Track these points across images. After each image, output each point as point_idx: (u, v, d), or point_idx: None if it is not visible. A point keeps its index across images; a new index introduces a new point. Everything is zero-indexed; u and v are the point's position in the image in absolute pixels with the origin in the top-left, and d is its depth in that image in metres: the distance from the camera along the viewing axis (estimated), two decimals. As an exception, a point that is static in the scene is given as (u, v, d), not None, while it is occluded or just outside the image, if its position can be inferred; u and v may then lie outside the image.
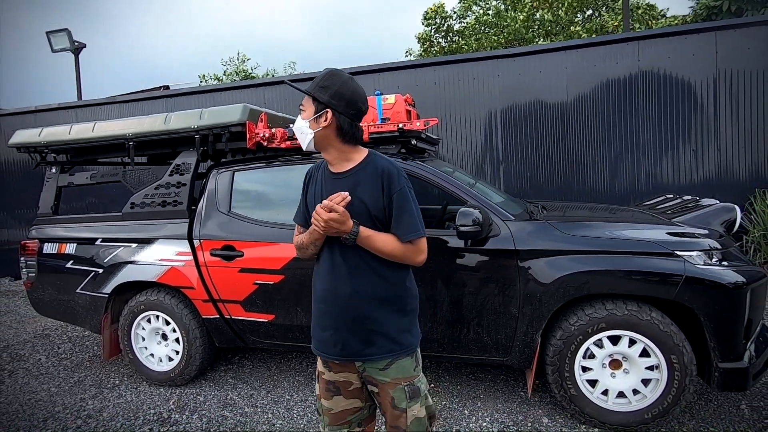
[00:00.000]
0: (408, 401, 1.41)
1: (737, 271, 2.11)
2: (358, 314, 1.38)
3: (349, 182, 1.41)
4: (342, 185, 1.39)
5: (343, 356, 1.41)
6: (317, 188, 1.48)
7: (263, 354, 3.40)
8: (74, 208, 6.15)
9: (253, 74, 17.17)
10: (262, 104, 5.67)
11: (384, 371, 1.40)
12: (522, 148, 5.11)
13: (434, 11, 13.16)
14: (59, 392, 2.97)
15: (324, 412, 1.49)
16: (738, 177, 4.65)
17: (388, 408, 1.43)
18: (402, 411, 1.41)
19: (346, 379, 1.46)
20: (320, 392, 1.50)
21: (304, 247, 1.47)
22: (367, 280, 1.39)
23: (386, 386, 1.41)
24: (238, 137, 2.79)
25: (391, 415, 1.43)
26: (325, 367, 1.48)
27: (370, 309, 1.39)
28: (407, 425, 1.41)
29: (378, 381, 1.41)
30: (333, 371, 1.46)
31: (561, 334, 2.23)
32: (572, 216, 2.72)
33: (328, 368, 1.47)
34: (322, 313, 1.44)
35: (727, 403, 2.42)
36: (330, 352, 1.43)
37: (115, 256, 2.93)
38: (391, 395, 1.40)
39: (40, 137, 3.16)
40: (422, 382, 1.48)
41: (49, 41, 8.11)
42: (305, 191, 1.53)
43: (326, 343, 1.43)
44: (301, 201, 1.55)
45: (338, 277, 1.40)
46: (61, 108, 6.52)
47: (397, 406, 1.40)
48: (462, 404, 2.57)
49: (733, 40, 4.54)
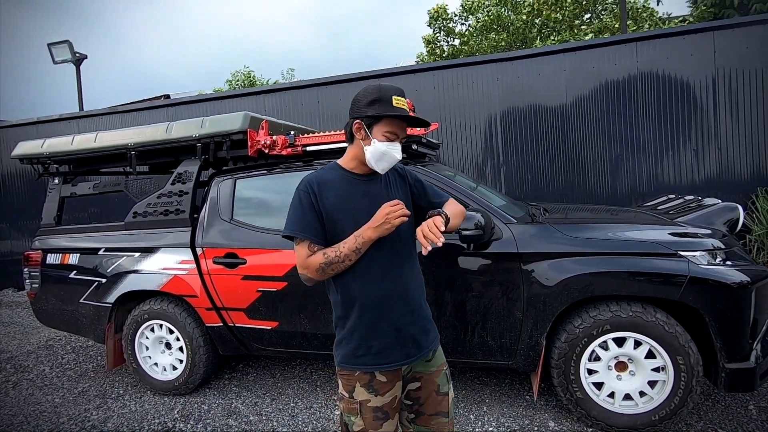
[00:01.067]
0: (448, 384, 1.47)
1: (741, 271, 2.10)
2: (414, 307, 1.40)
3: (382, 180, 1.44)
4: (376, 185, 1.42)
5: (412, 357, 1.37)
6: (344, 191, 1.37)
7: (267, 361, 3.39)
8: (77, 218, 6.17)
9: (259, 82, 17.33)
10: (262, 112, 5.69)
11: (430, 361, 1.44)
12: (522, 151, 5.12)
13: (437, 12, 13.27)
14: (63, 403, 2.97)
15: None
16: (739, 176, 4.64)
17: (430, 396, 1.43)
18: (444, 395, 1.45)
19: (393, 395, 1.37)
20: (365, 426, 1.34)
21: (339, 260, 1.30)
22: (415, 272, 1.44)
23: (432, 375, 1.43)
24: (239, 145, 2.80)
25: (432, 402, 1.43)
26: (370, 393, 1.34)
27: (421, 299, 1.44)
28: (449, 407, 1.45)
29: (424, 373, 1.42)
30: (380, 393, 1.34)
31: (566, 336, 2.23)
32: (574, 218, 2.71)
33: (374, 392, 1.34)
34: (378, 320, 1.34)
35: (735, 404, 2.41)
36: (396, 358, 1.35)
37: (118, 266, 2.93)
38: (437, 383, 1.43)
39: (42, 148, 3.18)
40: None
41: (50, 53, 8.17)
42: (318, 203, 1.35)
43: (388, 352, 1.34)
44: (308, 215, 1.34)
45: (393, 275, 1.37)
46: (63, 119, 6.56)
47: (441, 391, 1.44)
48: (467, 409, 2.55)
49: (730, 39, 4.55)
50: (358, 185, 1.41)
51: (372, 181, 1.42)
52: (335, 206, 1.36)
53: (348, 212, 1.36)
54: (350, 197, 1.38)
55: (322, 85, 5.65)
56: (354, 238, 1.30)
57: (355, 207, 1.37)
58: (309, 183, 1.37)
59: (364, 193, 1.39)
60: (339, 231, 1.35)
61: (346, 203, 1.37)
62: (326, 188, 1.37)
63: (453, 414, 1.48)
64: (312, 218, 1.35)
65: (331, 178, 1.40)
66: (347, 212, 1.36)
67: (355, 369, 1.35)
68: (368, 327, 1.35)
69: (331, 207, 1.36)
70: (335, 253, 1.30)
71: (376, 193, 1.40)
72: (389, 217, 1.27)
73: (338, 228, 1.35)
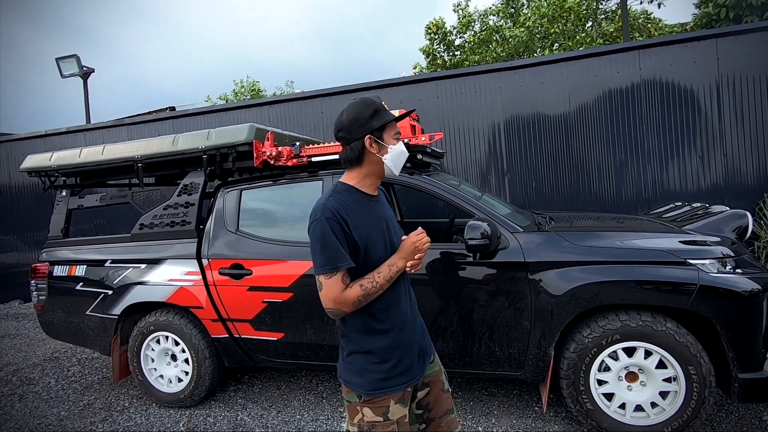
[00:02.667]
0: (447, 381, 1.56)
1: (752, 279, 2.07)
2: (419, 321, 1.51)
3: (384, 203, 1.49)
4: (383, 208, 1.46)
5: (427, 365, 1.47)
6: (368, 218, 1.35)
7: (273, 373, 3.37)
8: (83, 230, 6.21)
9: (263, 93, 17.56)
10: (267, 123, 5.73)
11: (433, 363, 1.52)
12: (526, 159, 5.11)
13: (435, 25, 13.35)
14: (69, 416, 2.95)
15: None
16: (746, 182, 4.61)
17: (439, 397, 1.50)
18: (448, 392, 1.54)
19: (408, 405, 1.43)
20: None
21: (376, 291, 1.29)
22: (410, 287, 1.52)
23: (438, 375, 1.52)
24: (245, 156, 2.82)
25: (440, 403, 1.50)
26: (404, 407, 1.37)
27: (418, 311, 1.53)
28: (452, 403, 1.55)
29: (432, 376, 1.50)
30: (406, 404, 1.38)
31: (575, 346, 2.20)
32: (581, 226, 2.70)
33: (403, 404, 1.37)
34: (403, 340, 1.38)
35: (749, 415, 2.36)
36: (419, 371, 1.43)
37: (125, 278, 2.94)
38: (442, 380, 1.53)
39: (51, 161, 3.21)
40: None
41: (58, 67, 8.30)
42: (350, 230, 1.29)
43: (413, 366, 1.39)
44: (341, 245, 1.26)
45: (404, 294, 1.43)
46: (70, 132, 6.63)
47: (445, 388, 1.53)
48: (476, 421, 2.52)
49: (733, 46, 4.56)
50: (373, 207, 1.40)
51: (380, 203, 1.44)
52: (367, 232, 1.33)
53: (378, 236, 1.36)
54: (373, 220, 1.37)
55: (326, 95, 5.69)
56: (388, 268, 1.32)
57: (380, 230, 1.37)
58: (336, 211, 1.28)
59: (381, 215, 1.41)
60: (372, 257, 1.33)
61: (374, 228, 1.36)
62: (353, 215, 1.31)
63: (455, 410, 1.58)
64: (344, 248, 1.27)
65: (351, 202, 1.34)
66: (377, 236, 1.36)
67: (389, 392, 1.34)
68: (398, 349, 1.36)
69: (365, 234, 1.32)
70: (372, 284, 1.28)
71: (386, 213, 1.45)
72: (418, 246, 1.34)
73: (371, 249, 1.33)
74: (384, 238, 1.37)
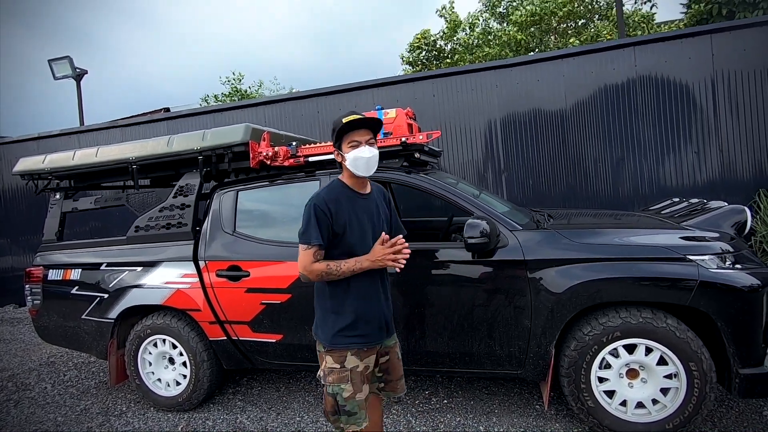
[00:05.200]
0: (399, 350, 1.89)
1: (752, 274, 2.07)
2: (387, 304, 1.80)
3: (374, 201, 1.78)
4: (372, 204, 1.77)
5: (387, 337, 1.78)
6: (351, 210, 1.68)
7: (272, 375, 3.35)
8: (79, 233, 6.16)
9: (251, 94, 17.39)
10: (262, 123, 5.69)
11: (391, 337, 1.83)
12: (523, 157, 5.11)
13: (420, 39, 12.99)
14: (66, 421, 2.92)
15: (360, 407, 1.67)
16: (741, 177, 4.62)
17: (395, 364, 1.84)
18: (400, 359, 1.88)
19: (367, 364, 1.71)
20: (353, 389, 1.66)
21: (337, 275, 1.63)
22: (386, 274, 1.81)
23: (395, 347, 1.86)
24: (241, 157, 2.80)
25: (396, 368, 1.85)
26: (358, 359, 1.68)
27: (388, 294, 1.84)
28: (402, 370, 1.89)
29: (390, 347, 1.83)
30: (362, 360, 1.68)
31: (575, 344, 2.19)
32: (580, 223, 2.69)
33: (359, 358, 1.68)
34: (368, 311, 1.69)
35: (749, 410, 2.36)
36: (378, 339, 1.73)
37: (121, 281, 2.91)
38: (397, 351, 1.86)
39: (44, 164, 3.17)
40: None
41: (51, 69, 8.22)
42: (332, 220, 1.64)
43: (372, 335, 1.71)
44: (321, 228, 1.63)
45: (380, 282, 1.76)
46: (64, 134, 6.57)
47: (399, 357, 1.87)
48: (477, 420, 2.51)
49: (728, 42, 4.56)
50: (359, 202, 1.73)
51: (368, 200, 1.76)
52: (347, 222, 1.67)
53: (355, 226, 1.69)
54: (356, 213, 1.70)
55: (321, 95, 5.66)
56: (354, 262, 1.64)
57: (359, 222, 1.70)
58: (326, 202, 1.65)
59: (365, 209, 1.73)
60: (348, 239, 1.67)
61: (353, 219, 1.68)
62: (339, 206, 1.66)
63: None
64: (323, 230, 1.64)
65: (339, 196, 1.69)
66: (354, 226, 1.69)
67: (348, 347, 1.67)
68: (361, 316, 1.68)
69: (344, 223, 1.66)
70: (336, 268, 1.63)
71: (372, 210, 1.75)
72: (386, 257, 1.63)
73: (347, 237, 1.67)
74: (364, 228, 1.70)
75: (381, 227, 1.76)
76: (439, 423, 2.52)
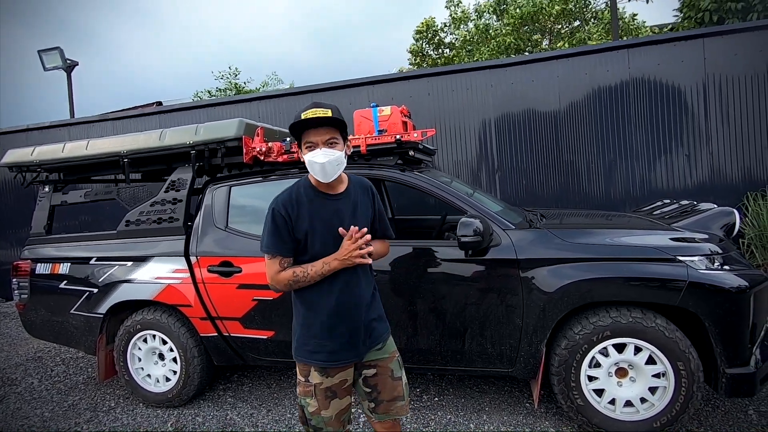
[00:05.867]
0: (400, 370, 1.64)
1: (740, 275, 2.10)
2: (368, 315, 1.58)
3: (350, 201, 1.58)
4: (345, 204, 1.56)
5: (359, 355, 1.55)
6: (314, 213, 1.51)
7: (263, 372, 3.34)
8: (68, 226, 6.07)
9: (246, 88, 17.23)
10: (256, 118, 5.66)
11: (382, 349, 1.61)
12: (517, 157, 5.13)
13: (426, 24, 13.30)
14: (53, 417, 2.89)
15: (326, 424, 1.54)
16: (731, 180, 4.69)
17: (386, 382, 1.59)
18: (398, 379, 1.62)
19: (342, 379, 1.55)
20: (318, 406, 1.53)
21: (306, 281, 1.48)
22: (370, 284, 1.63)
23: (386, 361, 1.60)
24: (234, 152, 2.77)
25: (389, 387, 1.59)
26: (323, 377, 1.52)
27: (372, 304, 1.61)
28: (403, 391, 1.62)
29: (378, 360, 1.59)
30: (331, 377, 1.53)
31: (566, 343, 2.21)
32: (572, 223, 2.71)
33: (326, 375, 1.52)
34: (334, 326, 1.51)
35: (735, 409, 2.40)
36: (345, 357, 1.53)
37: (110, 275, 2.88)
38: (391, 368, 1.61)
39: (32, 156, 3.12)
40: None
41: (41, 60, 8.10)
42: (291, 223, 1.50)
43: (339, 352, 1.52)
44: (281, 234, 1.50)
45: (354, 289, 1.54)
46: (54, 126, 6.47)
47: (395, 376, 1.61)
48: (467, 418, 2.52)
49: (720, 46, 4.62)
50: (328, 204, 1.55)
51: (341, 200, 1.57)
52: (308, 225, 1.51)
53: (318, 231, 1.51)
54: (321, 216, 1.52)
55: (316, 91, 5.64)
56: (322, 264, 1.48)
57: (326, 226, 1.52)
58: (283, 205, 1.51)
59: (335, 212, 1.54)
60: (311, 246, 1.52)
61: (317, 222, 1.51)
62: (300, 207, 1.51)
63: (408, 397, 1.65)
64: (285, 237, 1.50)
65: (302, 198, 1.53)
66: (318, 231, 1.51)
67: (310, 363, 1.53)
68: (325, 330, 1.52)
69: (304, 226, 1.50)
70: (303, 274, 1.48)
71: (345, 212, 1.55)
72: (353, 255, 1.46)
73: (310, 243, 1.52)
74: (326, 232, 1.51)
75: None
76: (429, 420, 2.53)
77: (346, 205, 1.56)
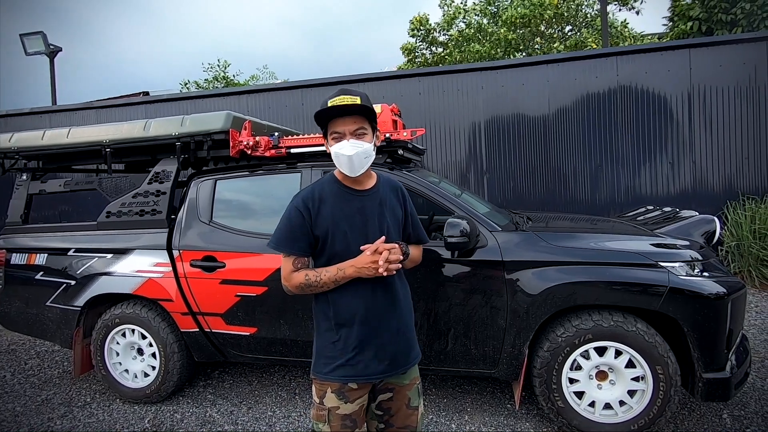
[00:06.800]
0: (419, 399, 1.51)
1: (718, 282, 2.14)
2: (401, 326, 1.44)
3: (377, 199, 1.46)
4: (372, 202, 1.44)
5: (387, 373, 1.41)
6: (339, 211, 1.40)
7: (244, 368, 3.30)
8: (47, 216, 5.92)
9: (235, 81, 16.98)
10: (244, 112, 5.59)
11: (405, 374, 1.46)
12: (505, 159, 5.17)
13: (419, 21, 13.32)
14: (25, 412, 2.80)
15: None
16: (712, 188, 4.80)
17: (400, 409, 1.46)
18: (414, 409, 1.48)
19: (361, 404, 1.42)
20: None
21: (318, 286, 1.36)
22: (406, 292, 1.50)
23: (404, 388, 1.47)
24: (220, 145, 2.73)
25: (402, 416, 1.47)
26: (340, 400, 1.37)
27: (409, 319, 1.49)
28: (417, 422, 1.49)
29: (396, 385, 1.46)
30: (350, 401, 1.38)
31: (548, 345, 2.23)
32: (558, 227, 2.73)
33: (344, 399, 1.37)
34: (364, 336, 1.38)
35: (710, 413, 2.45)
36: (374, 371, 1.39)
37: (89, 267, 2.80)
38: (408, 396, 1.47)
39: (11, 142, 3.03)
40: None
41: (22, 44, 7.86)
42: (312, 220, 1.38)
43: (368, 365, 1.37)
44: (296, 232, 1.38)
45: (384, 295, 1.41)
46: (34, 113, 6.30)
47: (411, 405, 1.48)
48: (449, 418, 2.53)
49: (706, 57, 4.72)
50: (353, 201, 1.43)
51: (368, 197, 1.44)
52: (330, 222, 1.39)
53: (340, 228, 1.39)
54: (344, 212, 1.40)
55: (306, 87, 5.60)
56: (336, 270, 1.35)
57: (351, 225, 1.40)
58: (304, 201, 1.40)
59: (359, 210, 1.42)
60: (330, 245, 1.40)
61: (340, 219, 1.39)
62: (322, 204, 1.40)
63: (422, 429, 1.52)
64: (300, 235, 1.38)
65: (327, 192, 1.42)
66: (339, 228, 1.39)
67: (326, 379, 1.39)
68: (355, 342, 1.38)
69: (326, 222, 1.39)
70: (315, 279, 1.36)
71: (371, 210, 1.43)
72: (374, 266, 1.32)
73: (330, 242, 1.39)
74: (358, 233, 1.39)
75: (385, 231, 1.42)
76: (411, 420, 2.52)
77: (372, 203, 1.43)
